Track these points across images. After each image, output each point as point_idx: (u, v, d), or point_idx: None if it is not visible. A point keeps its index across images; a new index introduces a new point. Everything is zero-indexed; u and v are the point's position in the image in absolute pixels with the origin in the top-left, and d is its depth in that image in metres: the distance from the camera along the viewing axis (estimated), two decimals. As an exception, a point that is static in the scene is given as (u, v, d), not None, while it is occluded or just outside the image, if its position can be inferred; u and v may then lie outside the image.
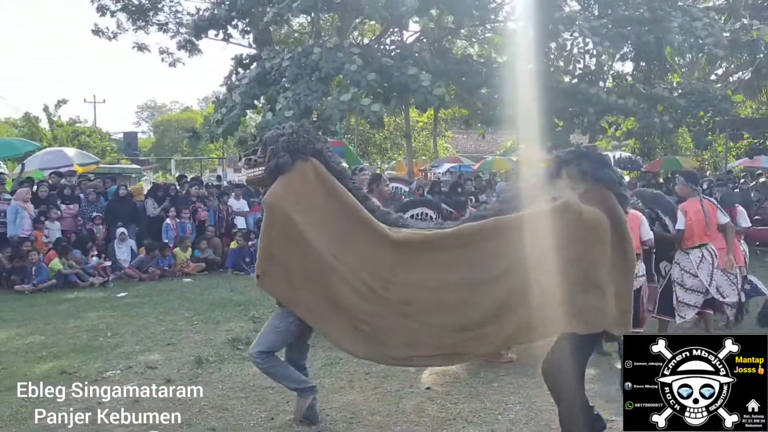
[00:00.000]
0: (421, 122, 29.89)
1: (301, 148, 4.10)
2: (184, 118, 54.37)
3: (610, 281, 3.83)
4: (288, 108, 13.29)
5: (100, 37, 19.50)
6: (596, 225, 3.79)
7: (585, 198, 3.83)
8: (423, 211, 7.30)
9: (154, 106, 69.03)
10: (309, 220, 4.00)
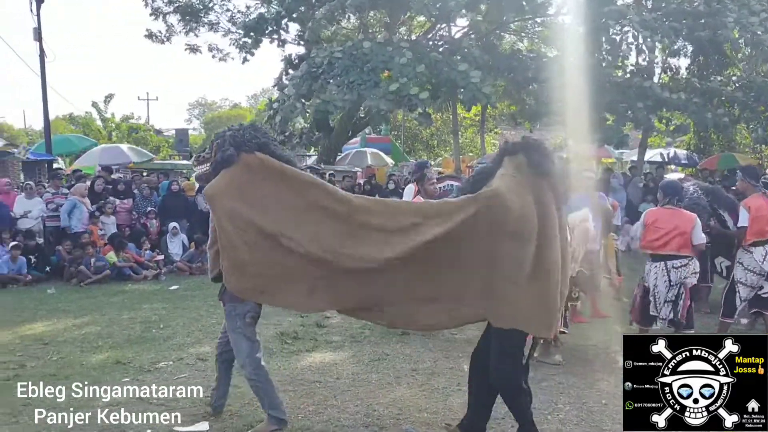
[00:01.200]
0: (468, 119, 29.65)
1: (245, 142, 4.14)
2: (233, 115, 55.23)
3: (531, 280, 3.79)
4: (343, 93, 13.37)
5: (152, 41, 19.96)
6: (521, 220, 3.77)
7: (523, 189, 3.82)
8: None
9: (204, 103, 70.34)
10: (255, 207, 4.06)
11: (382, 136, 25.23)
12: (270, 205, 4.09)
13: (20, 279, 10.26)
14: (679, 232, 5.91)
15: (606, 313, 7.51)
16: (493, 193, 3.81)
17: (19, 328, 7.40)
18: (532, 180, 3.86)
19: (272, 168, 4.13)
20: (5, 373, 5.65)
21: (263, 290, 4.16)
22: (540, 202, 3.83)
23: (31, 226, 11.26)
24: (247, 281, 4.14)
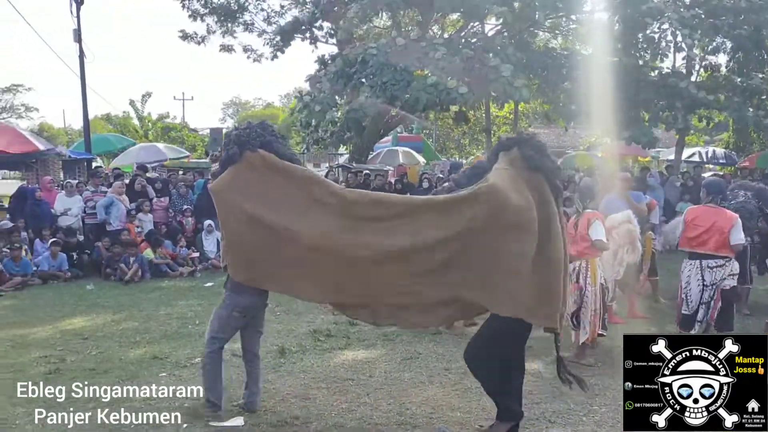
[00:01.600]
0: (501, 117, 29.44)
1: (249, 141, 4.39)
2: (266, 114, 55.72)
3: (533, 271, 3.86)
4: (375, 96, 13.39)
5: (188, 42, 20.24)
6: (522, 213, 3.84)
7: (518, 182, 3.90)
8: None
9: (238, 102, 71.10)
10: (259, 202, 4.29)
11: (414, 134, 25.20)
12: (272, 200, 4.31)
13: (60, 275, 10.51)
14: (717, 230, 5.79)
15: (643, 314, 7.40)
16: (489, 188, 3.89)
17: (60, 323, 7.58)
18: (527, 174, 3.94)
19: (273, 165, 4.36)
20: (47, 366, 5.79)
21: (270, 277, 4.41)
22: (539, 194, 3.92)
23: (71, 224, 11.53)
24: (253, 271, 4.41)
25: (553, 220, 3.93)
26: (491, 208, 3.85)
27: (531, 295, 3.89)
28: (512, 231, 3.86)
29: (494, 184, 3.90)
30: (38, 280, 10.26)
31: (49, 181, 12.53)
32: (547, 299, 3.92)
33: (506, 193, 3.84)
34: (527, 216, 3.85)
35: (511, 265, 3.88)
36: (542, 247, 3.88)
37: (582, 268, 5.83)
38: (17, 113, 44.69)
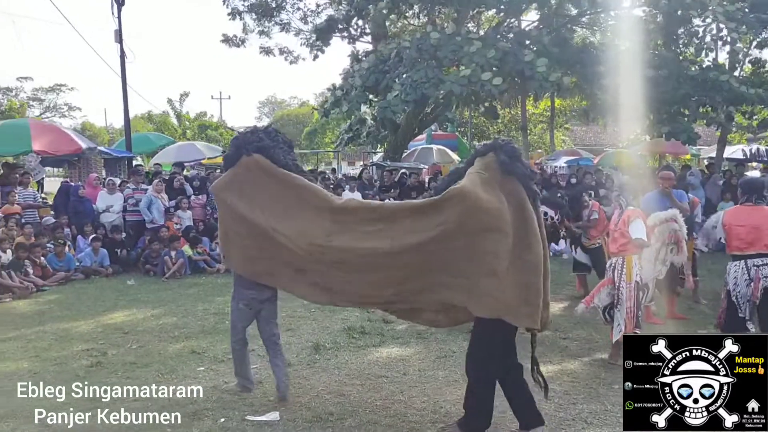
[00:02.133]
0: (537, 114, 29.13)
1: (246, 145, 4.71)
2: (301, 113, 56.12)
3: (511, 271, 3.94)
4: (406, 93, 13.36)
5: (229, 45, 20.54)
6: (494, 213, 3.92)
7: (491, 185, 3.98)
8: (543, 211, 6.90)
9: (274, 101, 71.78)
10: (254, 202, 4.61)
11: (448, 132, 25.10)
12: (264, 202, 4.60)
13: (102, 271, 10.76)
14: (756, 228, 5.66)
15: (683, 315, 7.26)
16: (458, 191, 3.98)
17: (101, 317, 7.77)
18: (501, 178, 4.03)
19: (266, 169, 4.63)
20: (89, 360, 5.94)
21: (266, 272, 4.74)
22: (514, 197, 4.00)
23: (112, 220, 11.79)
24: (250, 265, 4.78)
25: (529, 222, 3.99)
26: (462, 210, 3.94)
27: (510, 295, 3.95)
28: (485, 232, 3.95)
29: (464, 186, 3.99)
30: (81, 276, 10.52)
31: (95, 178, 12.83)
32: (527, 299, 3.96)
33: (476, 195, 3.92)
34: (498, 216, 3.93)
35: (487, 266, 3.97)
36: (519, 248, 3.95)
37: (618, 264, 5.76)
38: (60, 112, 45.83)
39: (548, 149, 26.57)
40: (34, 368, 5.71)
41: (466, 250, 4.02)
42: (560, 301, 8.43)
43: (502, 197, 3.97)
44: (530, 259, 3.95)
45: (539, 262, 3.98)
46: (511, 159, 4.04)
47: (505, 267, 3.93)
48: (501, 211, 3.93)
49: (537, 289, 3.97)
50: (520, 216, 3.98)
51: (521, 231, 3.95)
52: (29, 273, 9.75)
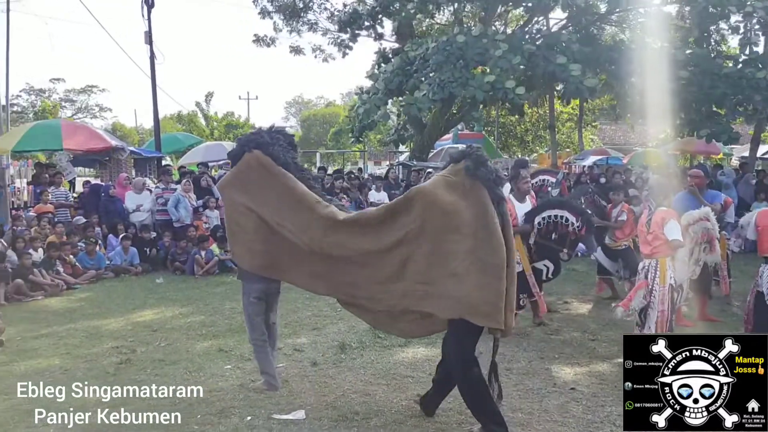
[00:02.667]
0: (565, 113, 28.81)
1: (248, 142, 4.97)
2: (328, 113, 56.33)
3: (471, 272, 4.01)
4: (433, 92, 13.35)
5: (260, 45, 20.70)
6: (453, 214, 4.08)
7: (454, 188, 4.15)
8: (563, 216, 6.69)
9: (301, 101, 72.14)
10: (256, 198, 4.85)
11: (475, 131, 24.96)
12: (267, 197, 4.81)
13: (131, 269, 10.91)
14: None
15: (716, 318, 7.12)
16: (418, 190, 4.27)
17: (131, 315, 7.88)
18: (469, 183, 4.14)
19: (266, 165, 4.82)
20: (119, 357, 6.03)
21: (272, 265, 4.90)
22: (478, 201, 4.11)
23: (142, 219, 11.95)
24: (257, 259, 4.92)
25: (492, 226, 4.06)
26: (423, 207, 4.16)
27: (471, 295, 4.02)
28: (446, 233, 4.10)
29: (423, 186, 4.31)
30: (111, 274, 10.68)
31: (125, 178, 13.02)
32: (487, 300, 4.01)
33: (435, 194, 4.15)
34: (456, 217, 4.07)
35: (449, 267, 4.08)
36: (482, 251, 4.03)
37: (651, 267, 5.66)
38: (92, 113, 46.66)
39: (576, 148, 26.28)
40: (65, 365, 5.81)
41: (432, 253, 4.16)
42: (588, 302, 8.33)
43: (465, 201, 4.12)
44: (492, 262, 4.01)
45: (502, 266, 4.03)
46: (476, 165, 4.17)
47: (466, 268, 4.03)
48: (459, 213, 4.08)
49: (498, 291, 4.01)
50: (483, 220, 4.07)
51: (483, 234, 4.05)
52: (60, 271, 9.92)
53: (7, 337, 6.63)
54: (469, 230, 4.05)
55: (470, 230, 4.05)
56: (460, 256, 4.05)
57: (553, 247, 6.79)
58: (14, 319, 7.54)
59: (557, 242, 6.77)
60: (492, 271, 4.01)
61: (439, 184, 4.21)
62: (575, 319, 7.45)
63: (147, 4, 17.80)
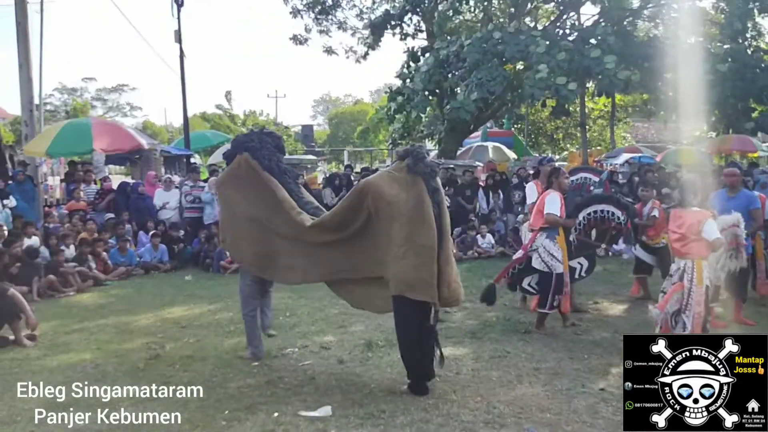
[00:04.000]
0: (596, 110, 28.40)
1: (239, 145, 5.53)
2: (356, 111, 56.42)
3: (408, 255, 4.67)
4: (471, 92, 13.25)
5: (296, 44, 20.87)
6: (395, 204, 4.72)
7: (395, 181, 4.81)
8: (610, 211, 6.75)
9: (328, 99, 72.44)
10: (246, 197, 5.42)
11: (504, 129, 24.76)
12: (253, 196, 5.38)
13: (161, 266, 11.03)
14: None
15: (750, 321, 6.94)
16: (364, 183, 4.99)
17: (160, 311, 7.96)
18: (410, 177, 4.78)
19: (253, 168, 5.38)
20: (148, 353, 6.09)
21: (258, 264, 5.53)
22: (416, 192, 4.73)
23: (170, 217, 12.08)
24: (245, 254, 5.59)
25: (426, 214, 4.70)
26: (372, 198, 4.79)
27: (408, 275, 4.68)
28: (389, 221, 4.75)
29: (371, 179, 4.97)
30: (141, 271, 10.81)
31: (153, 176, 13.17)
32: (422, 277, 4.67)
33: (378, 186, 4.81)
34: (396, 207, 4.72)
35: (392, 250, 4.74)
36: (416, 235, 4.67)
37: (688, 268, 5.53)
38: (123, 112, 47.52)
39: (608, 146, 25.90)
40: (96, 360, 5.88)
41: (381, 237, 4.84)
42: (619, 302, 8.19)
43: (406, 193, 4.74)
44: (424, 244, 4.67)
45: (433, 247, 4.69)
46: (415, 162, 4.80)
47: (404, 251, 4.68)
48: (400, 203, 4.72)
49: (431, 270, 4.68)
50: (420, 209, 4.71)
51: (417, 221, 4.69)
52: (92, 267, 10.07)
53: (41, 332, 6.74)
54: (406, 219, 4.69)
55: (408, 218, 4.69)
56: (399, 241, 4.70)
57: (591, 243, 6.80)
58: (47, 315, 7.68)
59: (596, 239, 6.78)
60: (425, 253, 4.67)
61: (385, 179, 4.89)
62: (606, 320, 7.33)
63: (177, 3, 17.98)
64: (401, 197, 4.72)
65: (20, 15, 12.74)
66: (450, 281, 4.80)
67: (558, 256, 6.55)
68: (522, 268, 6.85)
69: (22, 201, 11.47)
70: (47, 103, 40.57)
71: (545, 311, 6.63)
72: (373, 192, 4.80)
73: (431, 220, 4.70)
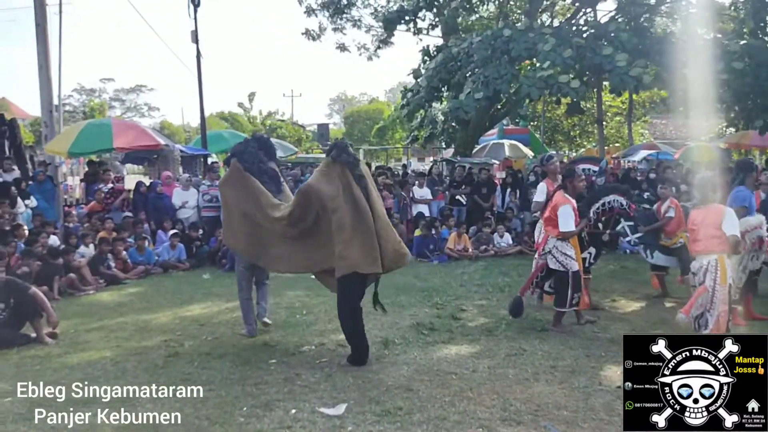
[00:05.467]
0: (614, 107, 28.19)
1: (232, 151, 6.49)
2: (371, 109, 56.43)
3: (355, 237, 5.40)
4: (477, 90, 13.19)
5: (308, 39, 20.94)
6: (334, 198, 5.45)
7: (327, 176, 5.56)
8: (615, 200, 6.99)
9: (344, 98, 72.53)
10: (238, 195, 6.22)
11: (520, 127, 24.64)
12: (243, 194, 6.14)
13: (179, 265, 11.13)
14: None
15: (763, 316, 6.91)
16: (306, 186, 5.76)
17: (179, 309, 8.04)
18: (338, 168, 5.53)
19: (240, 171, 6.19)
20: (167, 350, 6.15)
21: (250, 252, 6.30)
22: (345, 181, 5.48)
23: (188, 216, 12.18)
24: (239, 244, 6.40)
25: (358, 199, 5.44)
26: (314, 198, 5.53)
27: (356, 253, 5.39)
28: (332, 213, 5.44)
29: (309, 182, 5.79)
30: (159, 269, 10.91)
31: (167, 176, 13.29)
32: (369, 253, 5.41)
33: (318, 187, 5.54)
34: (335, 200, 5.43)
35: (337, 237, 5.43)
36: (355, 220, 5.41)
37: (711, 266, 5.49)
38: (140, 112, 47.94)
39: (626, 143, 25.70)
40: (116, 357, 5.95)
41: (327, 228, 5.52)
42: (637, 300, 8.15)
43: (338, 184, 5.47)
44: (364, 226, 5.42)
45: (371, 226, 5.43)
46: (338, 153, 5.54)
47: (349, 235, 5.39)
48: (336, 197, 5.44)
49: (373, 246, 5.43)
50: (350, 195, 5.45)
51: (353, 207, 5.42)
52: (112, 266, 10.18)
53: (61, 330, 6.83)
54: (343, 209, 5.41)
55: (346, 207, 5.41)
56: (345, 227, 5.39)
57: (598, 232, 7.07)
58: (68, 313, 7.78)
59: (603, 227, 7.19)
60: (366, 232, 5.41)
61: (321, 179, 5.59)
62: (623, 317, 7.30)
63: (193, 3, 18.09)
64: (336, 190, 5.45)
65: (39, 17, 12.88)
66: (390, 250, 5.58)
67: (571, 254, 6.54)
68: (544, 274, 6.86)
69: (43, 201, 11.62)
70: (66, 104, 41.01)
71: (564, 310, 6.62)
72: (315, 193, 5.52)
73: (364, 203, 5.44)
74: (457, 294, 8.62)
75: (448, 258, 11.72)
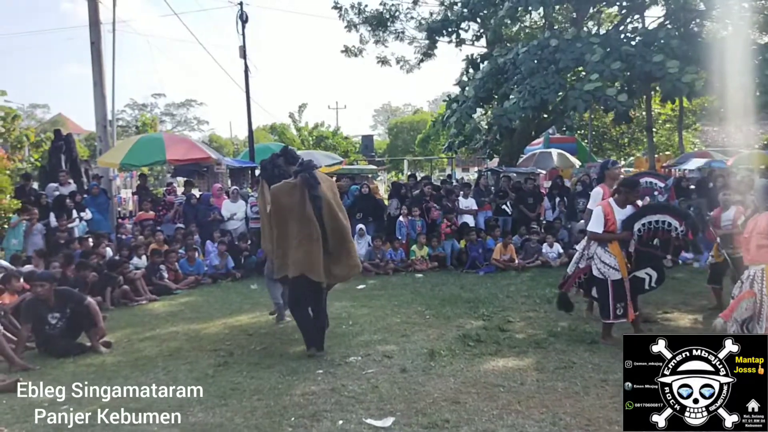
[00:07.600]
0: (663, 115, 27.55)
1: (262, 172, 6.97)
2: (415, 120, 56.48)
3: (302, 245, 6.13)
4: (524, 99, 13.10)
5: (348, 55, 21.10)
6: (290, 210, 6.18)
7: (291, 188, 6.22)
8: (661, 219, 6.44)
9: (388, 109, 72.80)
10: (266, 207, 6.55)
11: (567, 135, 24.30)
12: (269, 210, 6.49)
13: (228, 275, 11.32)
14: None
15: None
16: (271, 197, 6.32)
17: (228, 319, 8.18)
18: (300, 184, 6.18)
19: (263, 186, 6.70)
20: (216, 360, 6.26)
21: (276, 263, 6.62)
22: (301, 197, 6.14)
23: (236, 227, 12.39)
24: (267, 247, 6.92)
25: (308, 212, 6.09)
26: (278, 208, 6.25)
27: (302, 260, 6.11)
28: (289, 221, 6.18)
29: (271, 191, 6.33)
30: (209, 280, 11.13)
31: (218, 189, 13.55)
32: (312, 261, 6.10)
33: (279, 198, 6.23)
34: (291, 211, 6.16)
35: (293, 242, 6.17)
36: (305, 230, 6.12)
37: (757, 276, 5.31)
38: (190, 126, 49.05)
39: (677, 151, 25.07)
40: (168, 366, 6.08)
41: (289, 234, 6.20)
42: (691, 312, 7.92)
43: (297, 198, 6.15)
44: (311, 238, 6.09)
45: (318, 238, 6.11)
46: (302, 171, 6.25)
47: (299, 242, 6.12)
48: (293, 208, 6.16)
49: (317, 255, 6.10)
50: (304, 210, 6.12)
51: (305, 220, 6.11)
52: (165, 277, 10.43)
53: (115, 339, 7.04)
54: (297, 218, 6.13)
55: (298, 218, 6.12)
56: (295, 236, 6.13)
57: (656, 254, 6.51)
58: (121, 323, 8.00)
59: (660, 248, 6.48)
60: (312, 241, 6.08)
61: (283, 190, 6.22)
62: (675, 330, 7.10)
63: (241, 19, 18.51)
64: (293, 203, 6.15)
65: (94, 35, 13.37)
66: (341, 263, 6.33)
67: (611, 263, 6.37)
68: (588, 278, 6.74)
69: (97, 213, 12.01)
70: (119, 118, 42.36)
71: (609, 321, 6.48)
72: (275, 204, 6.23)
73: (313, 218, 6.09)
74: (504, 305, 8.53)
75: (495, 269, 11.62)
